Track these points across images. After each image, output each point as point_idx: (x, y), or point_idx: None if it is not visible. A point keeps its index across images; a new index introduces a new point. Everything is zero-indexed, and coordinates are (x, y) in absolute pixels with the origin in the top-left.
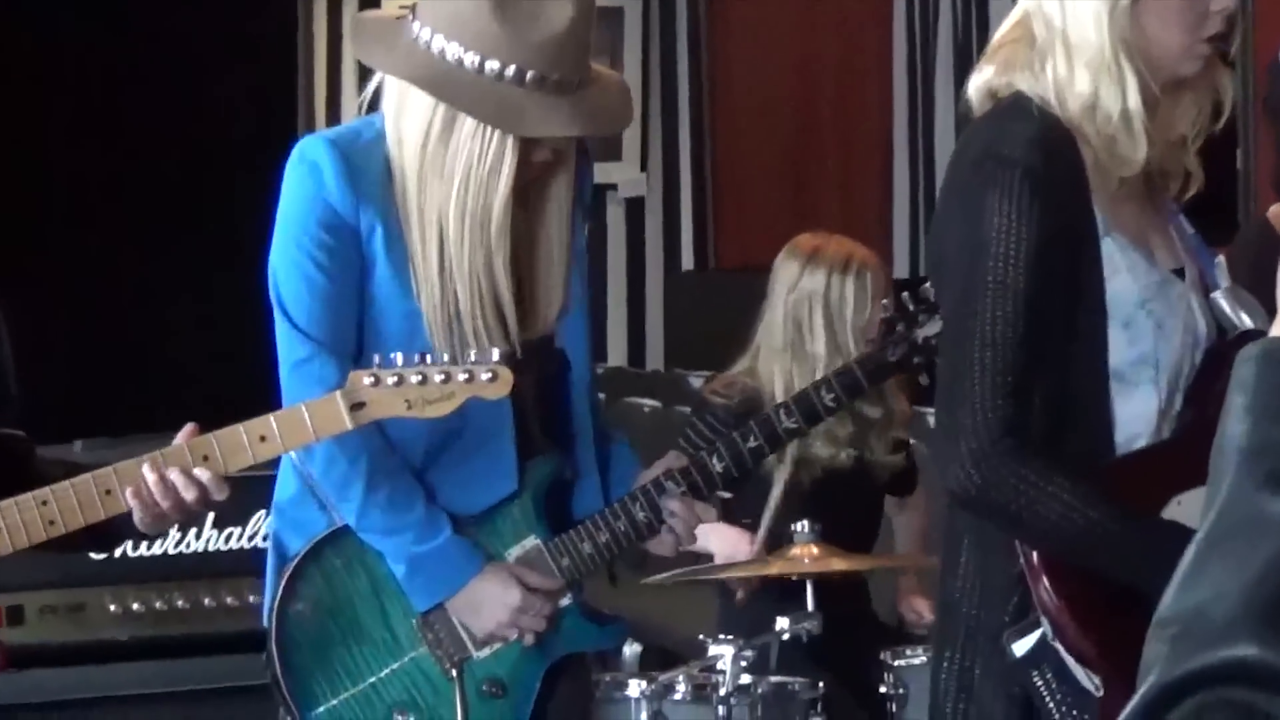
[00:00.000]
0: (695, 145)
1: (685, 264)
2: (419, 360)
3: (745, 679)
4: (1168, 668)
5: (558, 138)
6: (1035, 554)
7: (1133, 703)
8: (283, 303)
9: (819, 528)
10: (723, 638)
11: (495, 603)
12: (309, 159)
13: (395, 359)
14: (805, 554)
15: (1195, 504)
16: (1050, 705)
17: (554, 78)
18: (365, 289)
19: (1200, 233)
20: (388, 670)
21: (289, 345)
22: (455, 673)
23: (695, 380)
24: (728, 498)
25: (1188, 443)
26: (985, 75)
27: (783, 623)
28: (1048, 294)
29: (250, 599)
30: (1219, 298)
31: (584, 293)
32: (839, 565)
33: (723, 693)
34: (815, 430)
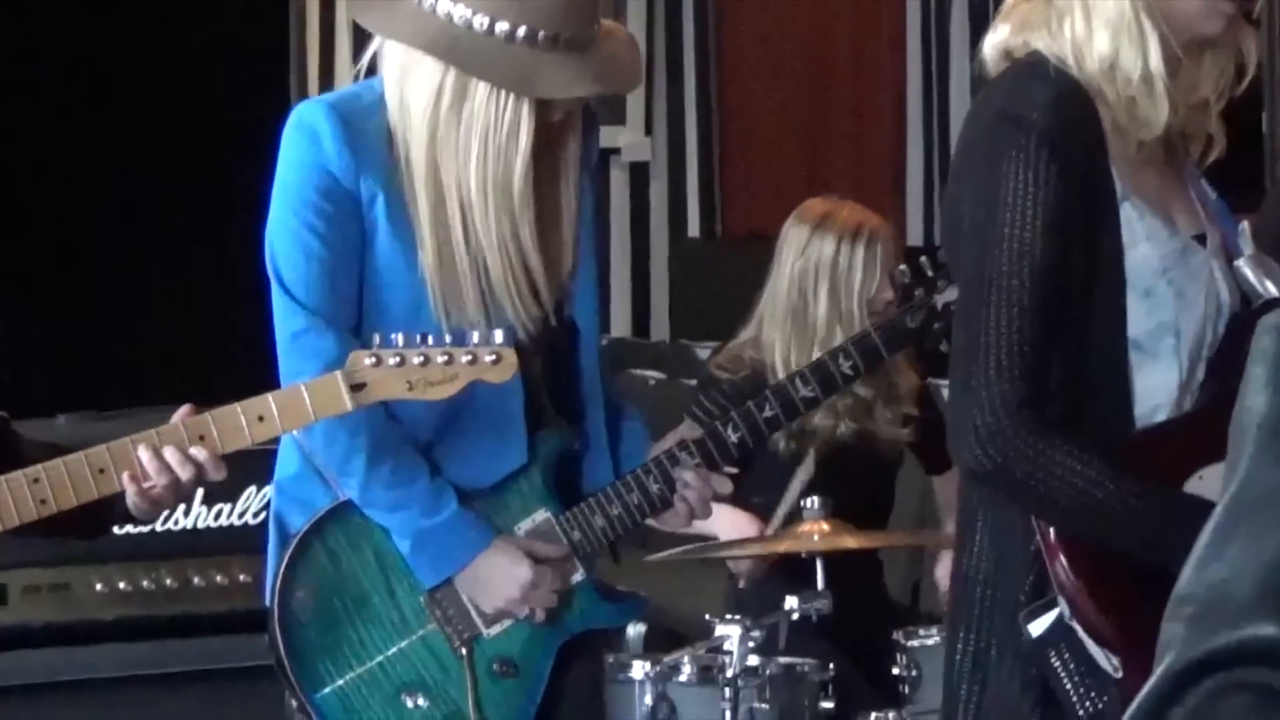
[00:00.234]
0: (702, 108)
1: (691, 231)
2: (421, 341)
3: (753, 660)
4: (1185, 649)
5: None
6: (1052, 531)
7: (1149, 684)
8: (279, 273)
9: (829, 503)
10: (730, 617)
11: (505, 578)
12: (307, 124)
13: (396, 339)
14: (815, 530)
15: (1218, 479)
16: (1068, 687)
17: (565, 36)
18: (366, 259)
19: (1223, 198)
20: (395, 649)
21: (286, 317)
22: (465, 651)
23: (702, 351)
24: (734, 474)
25: (1210, 415)
26: (1001, 35)
27: (792, 602)
28: (1065, 261)
29: (240, 578)
30: (1242, 265)
31: (592, 256)
32: (850, 542)
33: (729, 674)
34: None
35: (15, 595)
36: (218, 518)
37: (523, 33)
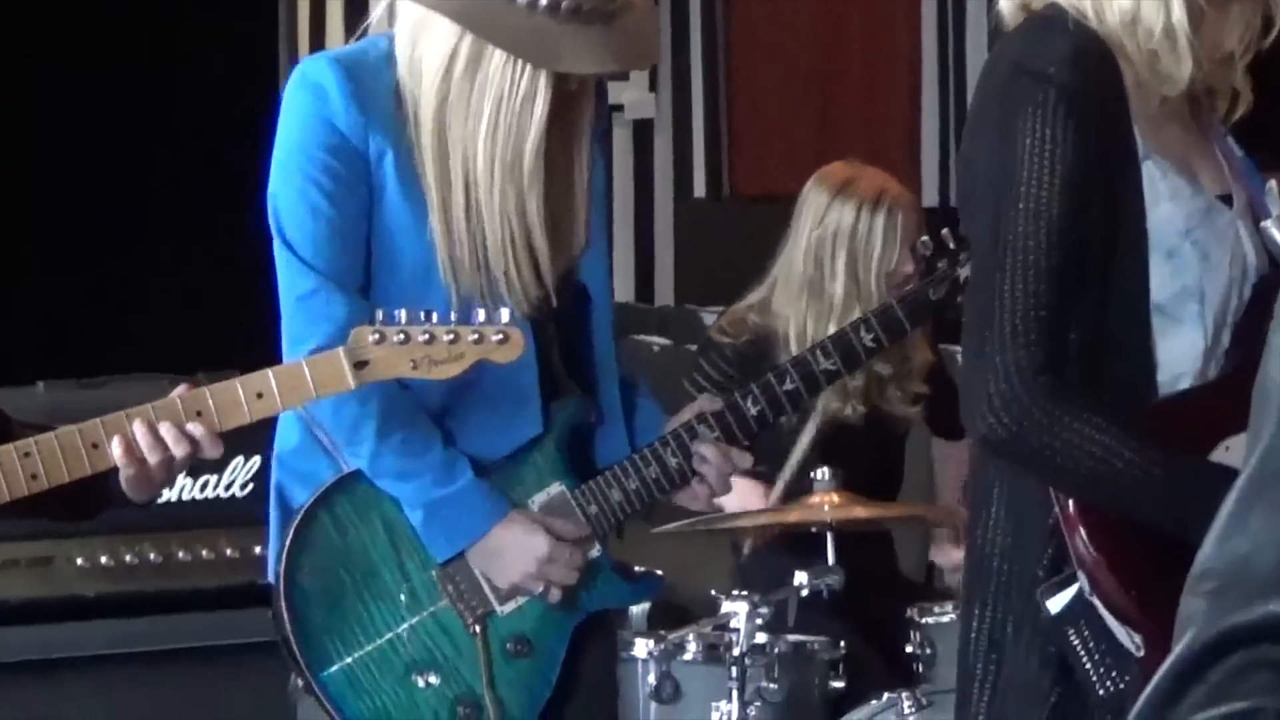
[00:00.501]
0: (708, 63)
1: (698, 191)
2: (425, 319)
3: (761, 638)
4: (1206, 625)
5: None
6: (1071, 502)
7: (1168, 661)
8: (284, 233)
9: (840, 474)
10: (737, 593)
11: (520, 551)
12: (312, 80)
13: (399, 315)
14: (825, 501)
15: (1244, 450)
16: (1087, 666)
17: (588, 6)
18: (374, 219)
19: (1250, 156)
20: (405, 626)
21: (292, 278)
22: (478, 629)
23: (708, 317)
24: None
25: (1236, 383)
26: None
27: (801, 577)
28: (1084, 222)
29: (228, 552)
30: (1270, 226)
31: (603, 225)
32: (861, 513)
33: (736, 653)
34: None
35: None
36: (204, 489)
37: (545, 1)
